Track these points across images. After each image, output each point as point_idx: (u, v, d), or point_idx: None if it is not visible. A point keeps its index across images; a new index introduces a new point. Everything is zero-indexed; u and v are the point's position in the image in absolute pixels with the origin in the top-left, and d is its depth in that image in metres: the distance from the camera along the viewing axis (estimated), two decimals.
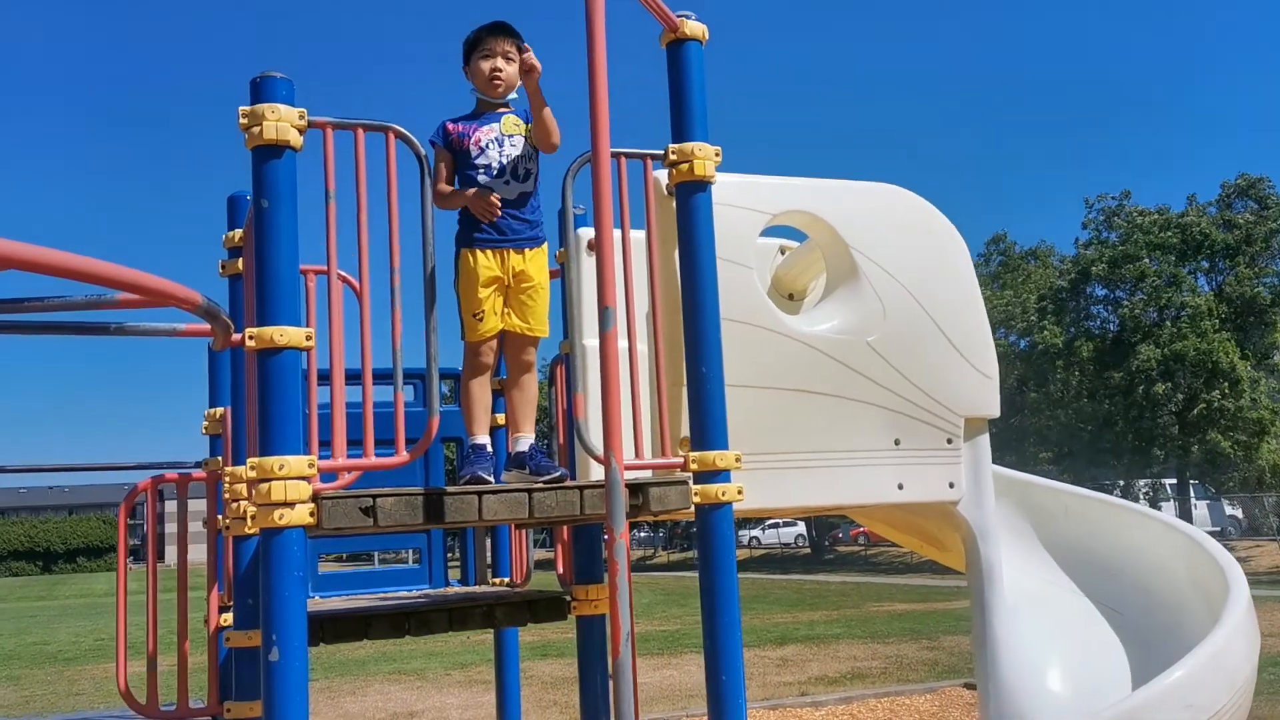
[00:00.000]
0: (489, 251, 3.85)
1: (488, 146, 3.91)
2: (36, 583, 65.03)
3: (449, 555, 6.47)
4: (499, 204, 3.82)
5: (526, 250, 3.90)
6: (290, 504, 3.19)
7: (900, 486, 4.20)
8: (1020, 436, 37.66)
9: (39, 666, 17.99)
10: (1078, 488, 5.10)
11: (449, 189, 3.93)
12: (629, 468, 3.62)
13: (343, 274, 4.22)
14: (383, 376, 3.64)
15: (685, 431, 3.79)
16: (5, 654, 20.59)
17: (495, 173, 3.90)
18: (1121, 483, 38.90)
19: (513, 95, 4.03)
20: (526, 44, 3.95)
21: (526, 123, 3.99)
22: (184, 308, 2.92)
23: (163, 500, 5.60)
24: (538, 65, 3.82)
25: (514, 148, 3.94)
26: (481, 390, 3.94)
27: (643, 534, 57.89)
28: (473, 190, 3.85)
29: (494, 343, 3.92)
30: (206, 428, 5.48)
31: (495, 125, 3.95)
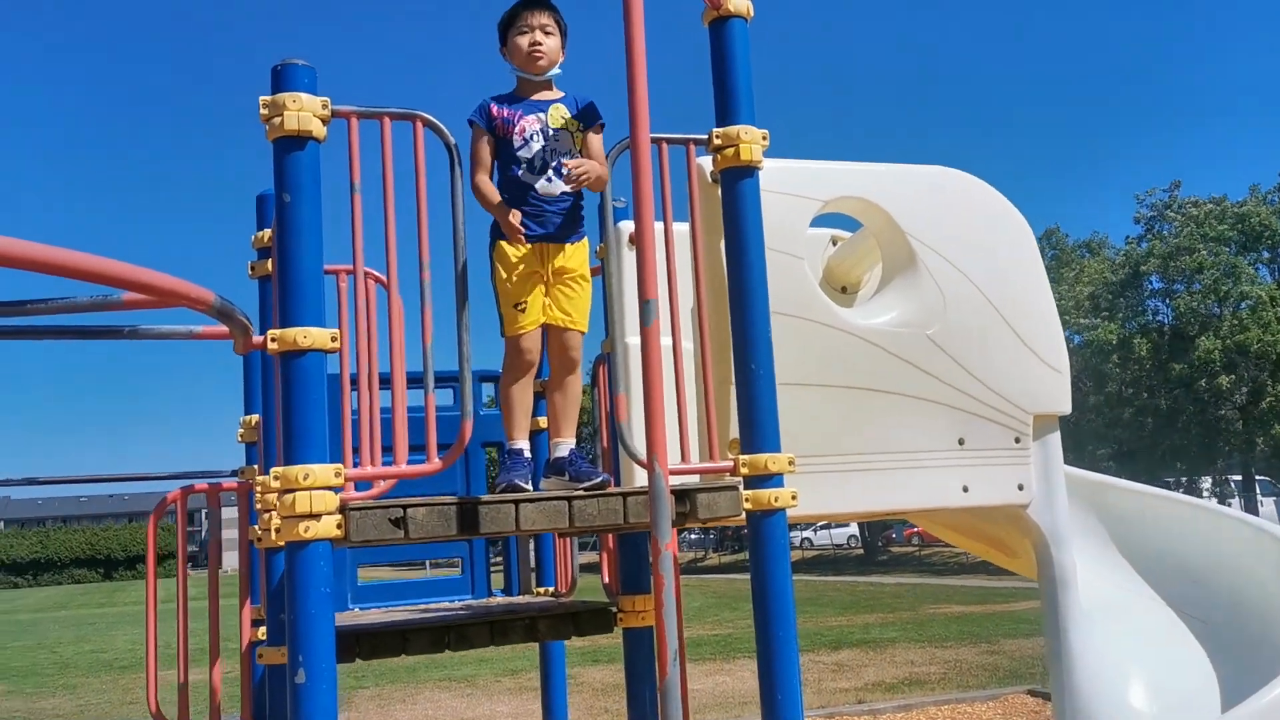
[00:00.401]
0: (529, 245, 3.65)
1: (531, 138, 3.71)
2: (98, 589, 66.03)
3: (493, 562, 6.27)
4: (524, 232, 3.61)
5: (567, 245, 3.70)
6: (316, 516, 3.02)
7: (965, 489, 3.94)
8: (1078, 435, 36.93)
9: (95, 675, 18.09)
10: (1158, 489, 4.79)
11: (488, 182, 3.72)
12: (675, 473, 3.40)
13: (371, 271, 4.05)
14: (416, 379, 3.46)
15: (734, 433, 3.56)
16: (63, 662, 20.77)
17: (538, 168, 3.69)
18: (1185, 480, 38.02)
19: (555, 72, 3.83)
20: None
21: (576, 116, 3.78)
22: (196, 308, 2.74)
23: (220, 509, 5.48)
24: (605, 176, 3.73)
25: (558, 142, 3.74)
26: (523, 392, 3.73)
27: (694, 535, 57.61)
28: (499, 203, 3.66)
29: (537, 337, 3.70)
30: (242, 435, 5.33)
31: (542, 116, 3.74)
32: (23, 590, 77.20)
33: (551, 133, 3.73)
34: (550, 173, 3.70)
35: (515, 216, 3.60)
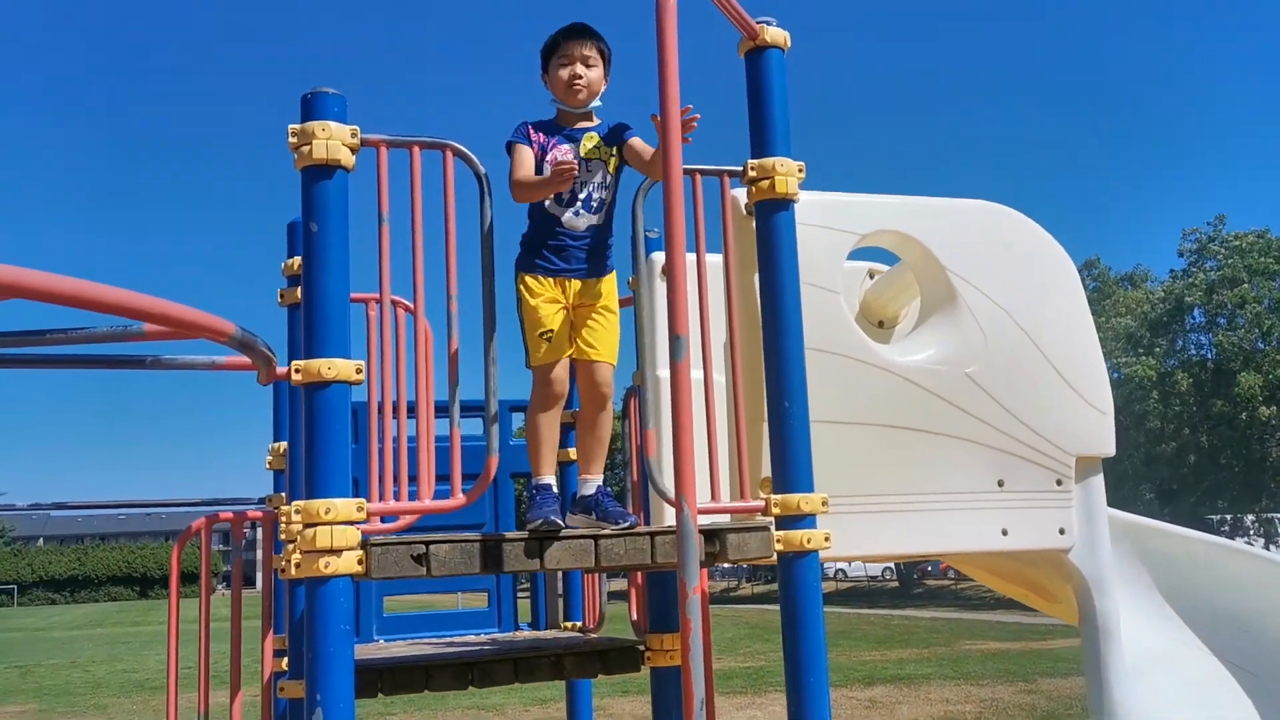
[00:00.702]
0: (551, 280, 3.58)
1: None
2: (133, 608, 66.57)
3: (521, 588, 6.19)
4: (575, 168, 3.47)
5: (590, 280, 3.64)
6: (337, 551, 2.95)
7: (1005, 532, 3.82)
8: (1119, 472, 36.39)
9: (126, 695, 18.16)
10: (1202, 534, 4.63)
11: (532, 178, 3.58)
12: (704, 512, 3.31)
13: (401, 300, 4.01)
14: (446, 410, 3.39)
15: (766, 471, 3.47)
16: (95, 681, 20.87)
17: (565, 199, 3.61)
18: (1230, 518, 37.32)
19: (596, 104, 3.75)
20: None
21: (610, 144, 3.69)
22: (217, 339, 2.70)
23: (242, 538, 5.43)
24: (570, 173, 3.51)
25: (589, 173, 3.65)
26: (550, 425, 3.64)
27: (726, 565, 57.20)
28: (541, 179, 3.55)
29: (565, 368, 3.61)
30: (270, 462, 5.30)
31: (574, 146, 3.66)
32: (60, 607, 77.97)
33: (584, 163, 3.65)
34: (579, 205, 3.63)
35: (565, 157, 3.56)
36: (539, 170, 3.62)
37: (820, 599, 3.37)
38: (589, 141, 3.69)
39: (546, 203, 3.61)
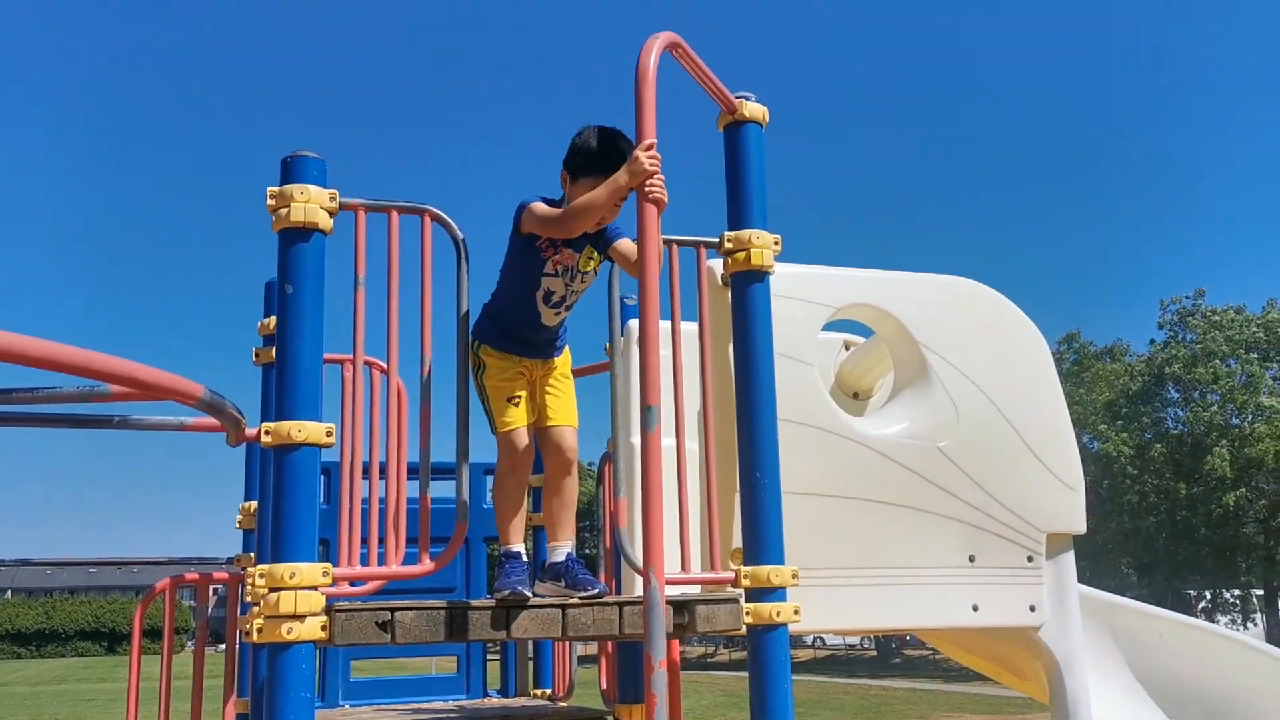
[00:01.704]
0: (511, 356, 3.58)
1: (561, 273, 3.55)
2: (100, 664, 65.21)
3: (492, 653, 6.11)
4: (658, 159, 3.14)
5: (549, 360, 3.65)
6: (300, 617, 2.92)
7: (975, 608, 3.81)
8: (1098, 546, 36.33)
9: None
10: (1173, 614, 4.63)
11: (598, 196, 3.30)
12: (673, 583, 3.30)
13: (376, 362, 4.00)
14: (416, 473, 3.38)
15: (737, 542, 3.46)
16: None
17: (553, 301, 3.58)
18: (1208, 594, 37.25)
19: None
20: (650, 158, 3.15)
21: (600, 252, 3.61)
22: (185, 402, 2.69)
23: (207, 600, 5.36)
24: (664, 199, 3.14)
25: (582, 283, 3.61)
26: (519, 492, 3.60)
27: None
28: (612, 188, 3.27)
29: (531, 434, 3.61)
30: (240, 521, 5.25)
31: (578, 255, 3.56)
32: (25, 661, 76.37)
33: (580, 274, 3.59)
34: (563, 308, 3.62)
35: (568, 264, 3.49)
36: (535, 265, 3.50)
37: (789, 671, 3.34)
38: (588, 256, 3.59)
39: (538, 294, 3.54)
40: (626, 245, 3.57)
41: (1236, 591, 37.81)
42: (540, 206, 3.47)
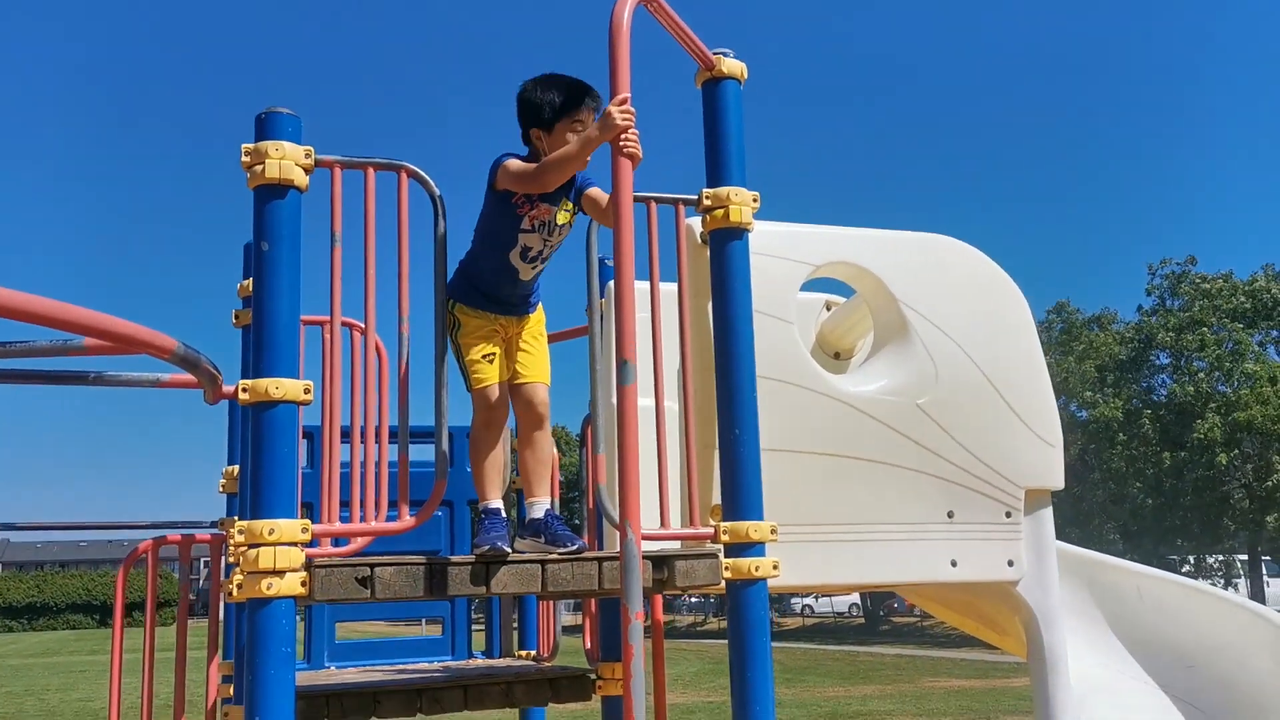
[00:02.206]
0: (486, 315, 3.59)
1: (538, 229, 3.58)
2: (92, 635, 65.36)
3: (477, 618, 6.14)
4: (632, 113, 3.08)
5: (526, 316, 3.66)
6: (280, 572, 2.93)
7: (954, 564, 3.83)
8: (1085, 511, 36.55)
9: None
10: (1153, 569, 4.67)
11: (570, 149, 3.31)
12: (652, 538, 3.31)
13: (355, 322, 4.00)
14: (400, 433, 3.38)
15: (716, 499, 3.48)
16: (48, 710, 20.47)
17: (530, 256, 3.60)
18: (1192, 559, 37.52)
19: None
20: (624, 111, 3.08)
21: (574, 203, 3.64)
22: (157, 355, 2.68)
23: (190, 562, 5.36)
24: (639, 154, 3.12)
25: (557, 237, 3.64)
26: (495, 448, 3.63)
27: (693, 599, 57.00)
28: (588, 138, 3.26)
29: (505, 390, 3.62)
30: (223, 485, 5.24)
31: (554, 209, 3.59)
32: (17, 634, 76.50)
33: (557, 227, 3.62)
34: (539, 261, 3.64)
35: (543, 219, 3.50)
36: (512, 222, 3.53)
37: (768, 626, 3.37)
38: (565, 210, 3.62)
39: (514, 251, 3.57)
40: (597, 193, 3.59)
41: (1220, 556, 38.09)
42: (515, 163, 3.49)
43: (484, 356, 3.54)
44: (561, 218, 3.61)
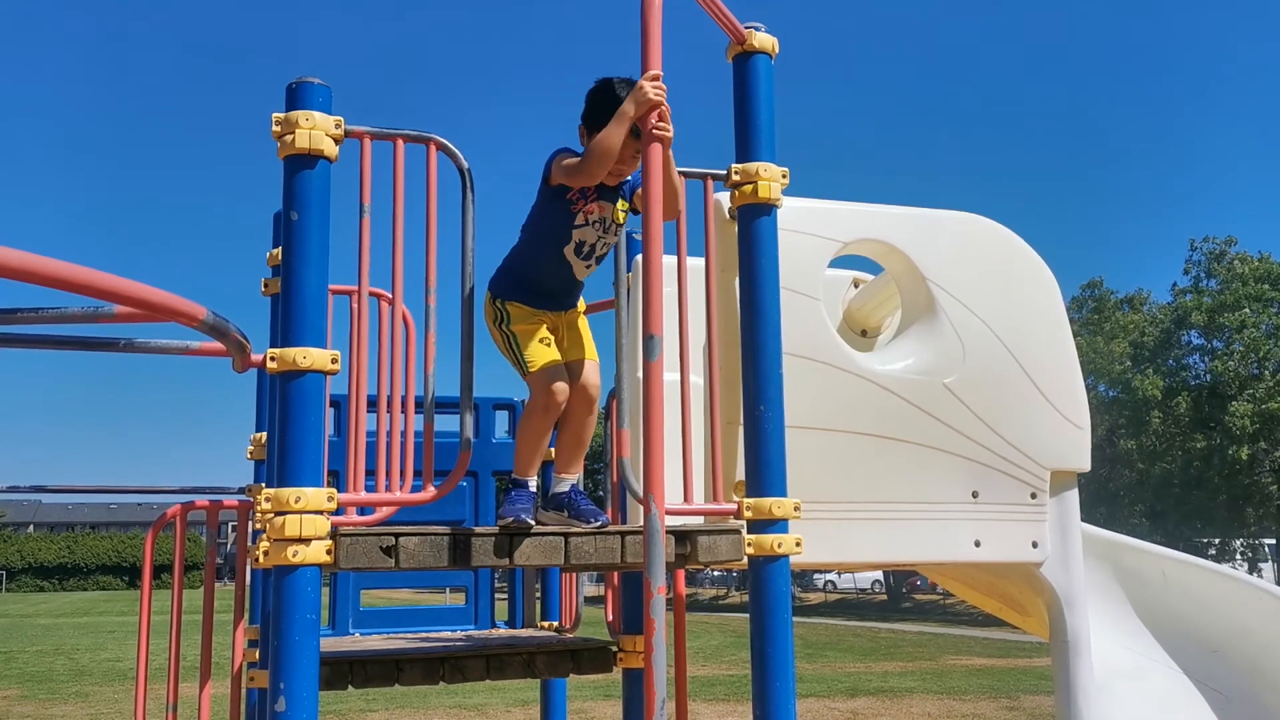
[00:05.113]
0: (538, 312, 3.58)
1: (592, 223, 3.56)
2: (121, 597, 66.42)
3: (500, 589, 6.18)
4: (664, 89, 3.08)
5: (571, 309, 3.68)
6: (305, 540, 2.95)
7: (977, 544, 3.82)
8: (1111, 492, 36.32)
9: (109, 684, 18.13)
10: (1179, 553, 4.63)
11: (597, 138, 3.28)
12: (675, 513, 3.32)
13: (383, 293, 4.01)
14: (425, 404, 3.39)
15: (740, 475, 3.48)
16: (79, 669, 20.84)
17: (584, 252, 3.58)
18: (1218, 541, 37.29)
19: None
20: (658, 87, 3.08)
21: (629, 202, 3.62)
22: (187, 323, 2.70)
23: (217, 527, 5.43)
24: (670, 132, 3.12)
25: (612, 235, 3.61)
26: (545, 431, 3.57)
27: (716, 573, 57.22)
28: (623, 117, 3.21)
29: (565, 373, 3.57)
30: (251, 452, 5.30)
31: (611, 206, 3.58)
32: (48, 594, 77.84)
33: (614, 225, 3.61)
34: (594, 260, 3.62)
35: (599, 215, 3.50)
36: (566, 218, 3.52)
37: (789, 602, 3.37)
38: (621, 205, 3.61)
39: (568, 247, 3.55)
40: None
41: (1241, 541, 37.84)
42: (565, 156, 3.49)
43: (539, 340, 3.52)
44: (619, 217, 3.60)
